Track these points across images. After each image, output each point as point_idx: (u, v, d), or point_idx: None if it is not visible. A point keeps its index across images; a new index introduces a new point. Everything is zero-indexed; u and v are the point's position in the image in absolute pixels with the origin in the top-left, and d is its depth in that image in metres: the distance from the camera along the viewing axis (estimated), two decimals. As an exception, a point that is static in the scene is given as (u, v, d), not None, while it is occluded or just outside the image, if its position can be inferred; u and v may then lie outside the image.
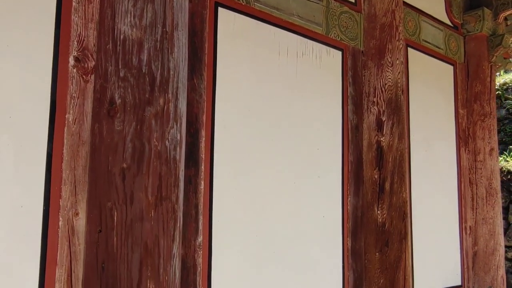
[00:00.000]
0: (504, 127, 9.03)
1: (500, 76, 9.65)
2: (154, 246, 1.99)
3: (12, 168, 1.80)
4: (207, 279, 2.38)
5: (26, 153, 1.84)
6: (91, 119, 2.04)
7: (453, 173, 4.38)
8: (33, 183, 1.84)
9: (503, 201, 7.43)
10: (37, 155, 1.86)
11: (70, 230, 1.92)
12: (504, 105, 9.06)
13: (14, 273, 1.77)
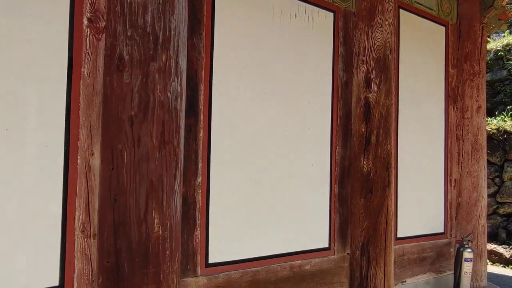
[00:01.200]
0: (504, 88, 9.18)
1: (503, 37, 9.71)
2: (158, 183, 2.33)
3: (37, 115, 2.13)
4: (205, 214, 2.74)
5: (49, 102, 2.16)
6: (103, 72, 2.33)
7: (441, 130, 4.66)
8: (55, 127, 2.17)
9: (498, 159, 7.72)
10: (58, 103, 2.18)
11: (87, 168, 2.26)
12: (506, 66, 9.17)
13: (42, 201, 2.12)
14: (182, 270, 2.59)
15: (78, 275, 2.22)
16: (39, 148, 2.12)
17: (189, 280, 2.65)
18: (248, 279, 2.94)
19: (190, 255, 2.66)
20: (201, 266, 2.71)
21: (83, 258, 2.24)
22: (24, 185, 2.08)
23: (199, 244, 2.71)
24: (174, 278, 2.42)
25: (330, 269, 3.49)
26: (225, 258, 2.84)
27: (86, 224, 2.26)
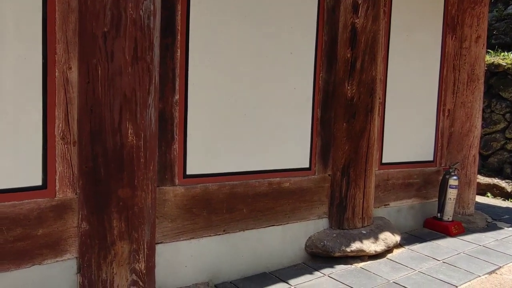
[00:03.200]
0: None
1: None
2: (131, 96, 2.51)
3: (15, 28, 2.28)
4: (183, 129, 2.92)
5: (26, 17, 2.31)
6: (77, -10, 2.46)
7: (437, 59, 4.65)
8: (32, 40, 2.33)
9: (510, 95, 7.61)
10: (34, 18, 2.33)
11: (65, 80, 2.45)
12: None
13: (23, 111, 2.33)
14: (160, 179, 2.82)
15: (60, 177, 2.47)
16: (18, 60, 2.30)
17: (166, 188, 2.88)
18: (226, 192, 3.17)
19: (168, 166, 2.88)
20: (179, 177, 2.94)
21: (64, 162, 2.48)
22: (5, 95, 2.28)
23: (177, 157, 2.91)
24: (149, 184, 2.65)
25: (310, 188, 3.69)
26: (203, 170, 3.06)
27: (66, 132, 2.47)
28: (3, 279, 2.33)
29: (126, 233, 2.57)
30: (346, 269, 3.51)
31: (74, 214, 2.54)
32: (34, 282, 2.43)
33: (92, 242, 2.53)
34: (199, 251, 3.08)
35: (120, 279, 2.59)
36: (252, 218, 3.33)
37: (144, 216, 2.64)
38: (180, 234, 2.97)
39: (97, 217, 2.52)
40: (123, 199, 2.54)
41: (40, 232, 2.42)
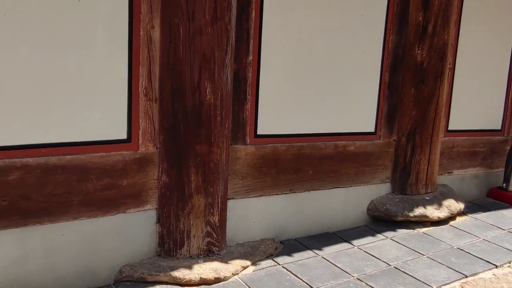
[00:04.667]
0: None
1: None
2: (210, 55, 2.59)
3: (105, -12, 2.39)
4: (255, 90, 2.99)
5: (114, -23, 2.41)
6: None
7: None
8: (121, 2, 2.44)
9: None
10: (122, -22, 2.43)
11: (148, 39, 2.55)
12: None
13: (111, 66, 2.46)
14: (232, 138, 2.91)
15: (143, 132, 2.61)
16: (107, 19, 2.41)
17: (238, 147, 2.98)
18: (293, 152, 3.24)
19: (240, 125, 2.97)
20: (250, 136, 3.03)
21: (147, 118, 2.61)
22: (97, 51, 2.41)
23: (249, 117, 2.99)
24: (224, 141, 2.76)
25: (374, 152, 3.70)
26: (273, 131, 3.13)
27: (149, 89, 2.59)
28: (91, 225, 2.52)
29: (203, 187, 2.71)
30: (409, 234, 3.54)
31: (155, 167, 2.68)
32: (119, 229, 2.61)
33: (171, 194, 2.69)
34: (267, 208, 3.19)
35: (196, 230, 2.74)
36: (317, 180, 3.40)
37: (219, 172, 2.76)
38: (250, 191, 3.08)
39: (176, 171, 2.66)
40: (200, 155, 2.66)
41: (125, 182, 2.59)
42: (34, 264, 2.37)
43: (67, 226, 2.45)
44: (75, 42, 2.33)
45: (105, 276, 2.60)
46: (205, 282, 2.60)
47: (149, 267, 2.63)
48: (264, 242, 3.13)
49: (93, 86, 2.43)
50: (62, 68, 2.31)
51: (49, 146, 2.35)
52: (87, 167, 2.45)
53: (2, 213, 2.26)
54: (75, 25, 2.32)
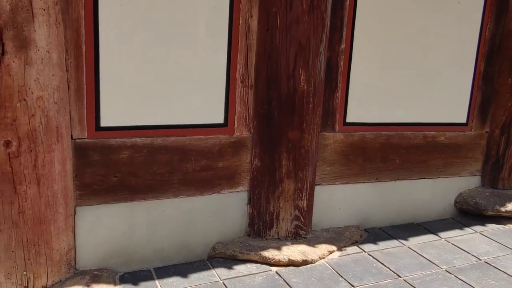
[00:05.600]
0: None
1: None
2: (306, 44, 2.64)
3: (208, -21, 2.51)
4: (346, 78, 3.01)
5: (217, -32, 2.52)
6: None
7: None
8: (222, -10, 2.55)
9: None
10: (224, -31, 2.53)
11: (247, 28, 2.64)
12: None
13: (211, 54, 2.59)
14: (322, 125, 2.96)
15: (238, 117, 2.72)
16: (209, 9, 2.53)
17: (327, 134, 3.03)
18: (381, 141, 3.23)
19: (330, 113, 3.01)
20: (339, 124, 3.06)
21: (242, 104, 2.72)
22: (198, 40, 2.54)
23: (339, 104, 3.02)
24: (315, 128, 2.82)
25: (465, 144, 3.59)
26: (362, 119, 3.14)
27: (245, 76, 2.69)
28: (189, 203, 2.69)
29: (293, 172, 2.79)
30: (499, 229, 3.43)
31: (248, 151, 2.80)
32: (213, 208, 2.76)
33: (263, 178, 2.80)
34: (352, 195, 3.22)
35: (285, 213, 2.84)
36: (404, 169, 3.37)
37: (309, 158, 2.83)
38: (336, 178, 3.13)
39: (269, 156, 2.76)
40: (292, 141, 2.74)
41: (220, 165, 2.73)
42: (138, 236, 2.58)
43: (168, 203, 2.63)
44: (179, 31, 2.48)
45: (200, 252, 2.77)
46: (293, 263, 2.69)
47: (240, 246, 2.77)
48: (349, 229, 3.17)
49: (194, 73, 2.57)
50: (165, 56, 2.47)
51: (154, 128, 2.54)
52: (187, 148, 2.61)
53: (113, 188, 2.47)
54: (179, 15, 2.46)
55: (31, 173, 2.13)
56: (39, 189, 2.17)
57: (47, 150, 2.16)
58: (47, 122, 2.14)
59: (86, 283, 2.35)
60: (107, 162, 2.43)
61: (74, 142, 2.34)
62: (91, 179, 2.41)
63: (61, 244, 2.31)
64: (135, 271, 2.57)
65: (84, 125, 2.35)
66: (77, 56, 2.27)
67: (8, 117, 2.05)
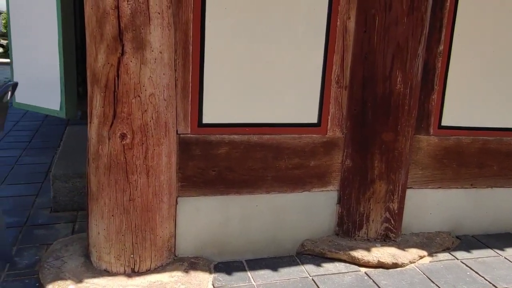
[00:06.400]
0: None
1: None
2: (404, 45, 2.63)
3: (308, -18, 2.57)
4: (443, 80, 2.94)
5: (317, -29, 2.57)
6: None
7: None
8: (321, -7, 2.60)
9: None
10: (324, -28, 2.58)
11: (344, 29, 2.67)
12: None
13: (308, 55, 2.65)
14: (416, 127, 2.91)
15: (331, 117, 2.76)
16: (308, 11, 2.59)
17: (421, 137, 2.97)
18: (478, 146, 3.11)
19: (424, 115, 2.95)
20: (434, 127, 2.99)
21: (336, 104, 2.75)
22: (296, 41, 2.61)
23: (434, 107, 2.96)
24: (409, 131, 2.79)
25: None
26: (457, 123, 3.04)
27: (340, 77, 2.73)
28: (281, 199, 2.77)
29: (385, 174, 2.78)
30: None
31: (339, 152, 2.83)
32: (303, 206, 2.83)
33: (354, 178, 2.81)
34: (445, 201, 3.13)
35: (375, 214, 2.84)
36: (502, 176, 3.22)
37: (402, 160, 2.80)
38: (428, 182, 3.06)
39: (360, 156, 2.78)
40: (385, 142, 2.73)
41: (312, 163, 2.78)
42: (232, 228, 2.71)
43: (261, 198, 2.73)
44: (278, 34, 2.56)
45: (289, 247, 2.84)
46: (382, 265, 2.68)
47: (328, 244, 2.81)
48: (440, 234, 3.09)
49: (290, 73, 2.64)
50: (263, 56, 2.57)
51: (251, 125, 2.64)
52: (281, 146, 2.70)
53: (212, 182, 2.61)
54: (278, 18, 2.54)
55: (141, 164, 2.32)
56: (148, 179, 2.35)
57: (156, 143, 2.34)
58: (157, 118, 2.31)
59: (185, 269, 2.51)
60: (207, 157, 2.58)
61: (179, 137, 2.50)
62: (192, 171, 2.57)
63: (164, 231, 2.49)
64: (228, 262, 2.69)
65: (188, 121, 2.51)
66: (184, 56, 2.43)
67: (124, 112, 2.24)
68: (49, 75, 2.62)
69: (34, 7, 2.65)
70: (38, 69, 2.77)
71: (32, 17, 2.71)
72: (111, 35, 2.17)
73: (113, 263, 2.41)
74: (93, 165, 2.36)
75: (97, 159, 2.33)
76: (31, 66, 2.81)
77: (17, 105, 3.14)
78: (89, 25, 2.23)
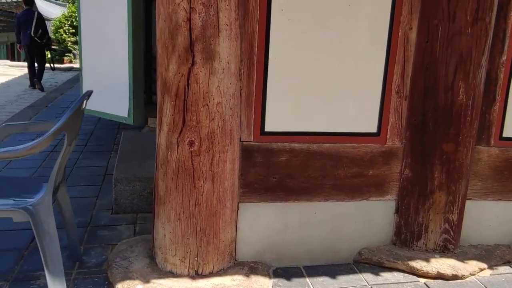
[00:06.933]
0: None
1: None
2: (467, 56, 2.62)
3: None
4: (505, 91, 2.90)
5: (380, -18, 2.60)
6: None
7: None
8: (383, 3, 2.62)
9: None
10: (387, -17, 2.60)
11: (405, 40, 2.68)
12: None
13: (369, 65, 2.68)
14: (477, 138, 2.88)
15: (391, 127, 2.77)
16: (369, 21, 2.62)
17: (482, 148, 2.94)
18: (541, 158, 3.05)
19: (485, 126, 2.92)
20: (495, 138, 2.95)
21: (396, 114, 2.76)
22: (357, 51, 2.64)
23: (495, 118, 2.92)
24: (470, 142, 2.77)
25: None
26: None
27: (401, 87, 2.74)
28: (339, 207, 2.80)
29: (445, 185, 2.76)
30: None
31: (398, 161, 2.83)
32: (361, 214, 2.84)
33: (413, 188, 2.81)
34: (505, 213, 3.08)
35: (434, 225, 2.82)
36: None
37: (463, 171, 2.78)
38: (488, 194, 3.02)
39: (420, 167, 2.77)
40: (446, 153, 2.72)
41: (370, 173, 2.80)
42: (291, 235, 2.75)
43: (319, 206, 2.77)
44: (339, 44, 2.60)
45: (346, 256, 2.86)
46: (442, 276, 2.66)
47: (386, 253, 2.81)
48: (499, 247, 3.04)
49: (351, 83, 2.68)
50: (324, 66, 2.61)
51: (311, 134, 2.69)
52: (340, 155, 2.73)
53: (271, 188, 2.67)
54: (340, 29, 2.58)
55: (207, 170, 2.40)
56: (213, 185, 2.43)
57: (222, 150, 2.42)
58: (223, 126, 2.39)
59: (246, 273, 2.57)
60: (268, 164, 2.64)
61: (242, 144, 2.57)
62: (253, 178, 2.63)
63: (226, 236, 2.56)
64: (286, 267, 2.74)
65: (251, 129, 2.58)
66: (249, 66, 2.51)
67: (193, 120, 2.34)
68: (118, 83, 2.75)
69: (106, 19, 2.79)
70: (107, 77, 2.91)
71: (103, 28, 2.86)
72: (183, 46, 2.27)
73: (178, 265, 2.50)
74: (161, 170, 2.46)
75: (165, 165, 2.43)
76: (100, 74, 2.95)
77: (87, 111, 3.30)
78: (162, 36, 2.33)
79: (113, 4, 2.69)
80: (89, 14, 2.95)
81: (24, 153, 2.15)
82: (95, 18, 2.91)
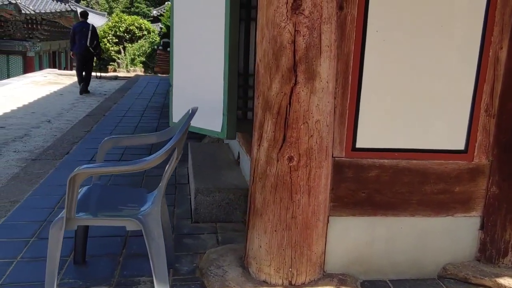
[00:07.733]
0: None
1: None
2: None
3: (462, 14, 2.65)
4: None
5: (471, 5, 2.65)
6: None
7: None
8: (474, 24, 2.67)
9: None
10: (479, 4, 2.65)
11: (495, 59, 2.72)
12: None
13: (459, 84, 2.73)
14: None
15: (478, 145, 2.81)
16: (461, 41, 2.68)
17: None
18: None
19: None
20: None
21: (483, 132, 2.80)
22: (447, 70, 2.70)
23: None
24: (560, 160, 2.76)
25: None
26: None
27: (489, 105, 2.77)
28: (424, 223, 2.85)
29: (534, 203, 2.78)
30: None
31: (484, 178, 2.86)
32: (446, 230, 2.88)
33: (500, 206, 2.83)
34: None
35: (521, 243, 2.83)
36: None
37: (552, 190, 2.78)
38: None
39: (508, 184, 2.80)
40: (536, 171, 2.74)
41: (457, 189, 2.84)
42: (377, 249, 2.82)
43: (405, 221, 2.82)
44: (429, 63, 2.67)
45: (430, 270, 2.90)
46: (531, 294, 2.68)
47: (472, 270, 2.84)
48: None
49: (439, 102, 2.73)
50: (414, 84, 2.68)
51: (399, 151, 2.76)
52: (427, 172, 2.78)
53: (360, 203, 2.75)
54: (431, 48, 2.65)
55: (304, 185, 2.50)
56: (309, 199, 2.53)
57: (318, 166, 2.52)
58: (320, 142, 2.49)
59: (336, 284, 2.66)
60: (358, 179, 2.72)
61: (334, 159, 2.67)
62: (343, 193, 2.72)
63: (318, 248, 2.65)
64: (373, 280, 2.81)
65: (343, 146, 2.68)
66: (344, 85, 2.60)
67: (293, 137, 2.45)
68: (211, 100, 2.89)
69: (201, 37, 2.94)
70: (200, 93, 3.06)
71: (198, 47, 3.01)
72: (286, 67, 2.39)
73: (272, 275, 2.61)
74: (259, 184, 2.58)
75: (264, 178, 2.55)
76: (192, 90, 3.11)
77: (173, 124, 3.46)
78: (265, 57, 2.46)
79: (210, 23, 2.83)
80: (183, 30, 3.11)
81: (143, 167, 2.31)
82: (189, 35, 3.06)
